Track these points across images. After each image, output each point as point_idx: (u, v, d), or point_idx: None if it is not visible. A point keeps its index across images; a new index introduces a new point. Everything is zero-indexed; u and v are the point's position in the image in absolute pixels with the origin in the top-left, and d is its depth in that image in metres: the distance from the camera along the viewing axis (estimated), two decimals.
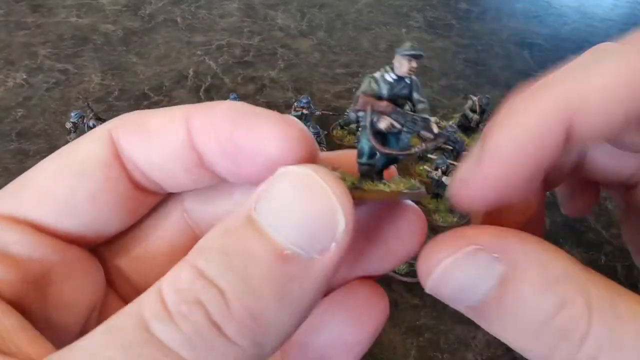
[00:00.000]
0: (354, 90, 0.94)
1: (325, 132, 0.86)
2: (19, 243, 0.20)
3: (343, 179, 0.18)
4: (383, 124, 0.20)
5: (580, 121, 0.20)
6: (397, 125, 0.20)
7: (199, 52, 1.09)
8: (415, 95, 0.20)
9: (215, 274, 0.15)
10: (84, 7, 1.24)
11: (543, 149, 0.20)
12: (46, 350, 0.18)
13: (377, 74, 0.20)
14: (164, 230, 0.24)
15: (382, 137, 0.20)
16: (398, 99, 0.20)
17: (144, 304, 0.15)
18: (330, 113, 0.88)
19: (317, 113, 0.85)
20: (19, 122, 0.88)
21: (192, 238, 0.25)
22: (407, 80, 0.20)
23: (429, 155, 0.80)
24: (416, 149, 0.20)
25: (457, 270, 0.19)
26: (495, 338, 0.20)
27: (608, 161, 0.26)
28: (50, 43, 1.10)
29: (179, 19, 1.21)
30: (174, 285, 0.15)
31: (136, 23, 1.19)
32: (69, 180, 0.21)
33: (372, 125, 0.20)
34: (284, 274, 0.16)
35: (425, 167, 0.80)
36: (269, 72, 1.04)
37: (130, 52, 1.09)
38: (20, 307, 0.19)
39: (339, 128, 0.89)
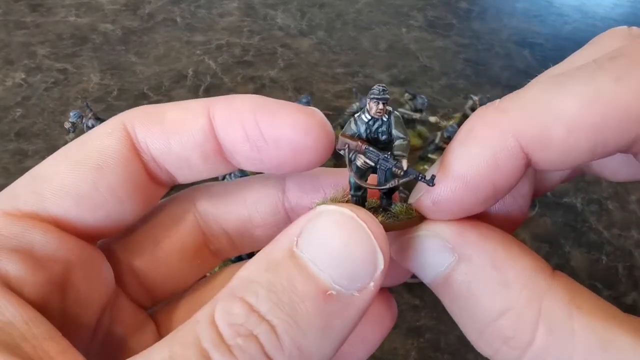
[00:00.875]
0: (353, 89, 0.93)
1: None
2: (43, 243, 0.20)
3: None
4: (359, 161, 0.22)
5: (538, 154, 0.19)
6: (370, 163, 0.21)
7: (198, 52, 1.09)
8: (394, 132, 0.22)
9: (266, 310, 0.17)
10: (83, 6, 1.24)
11: (497, 179, 0.20)
12: None
13: (358, 115, 0.22)
14: (176, 232, 0.25)
15: (367, 171, 0.22)
16: (379, 136, 0.22)
17: (202, 335, 0.16)
18: (330, 113, 0.88)
19: None
20: (18, 121, 0.88)
21: (201, 241, 0.25)
22: (384, 118, 0.22)
23: (430, 155, 0.79)
24: (389, 184, 0.22)
25: (410, 248, 0.21)
26: None
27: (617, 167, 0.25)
28: (49, 42, 1.10)
29: (178, 19, 1.21)
30: (228, 319, 0.17)
31: (135, 22, 1.19)
32: (89, 174, 0.21)
33: (351, 162, 0.22)
34: (328, 312, 0.17)
35: (425, 167, 0.80)
36: (268, 72, 1.04)
37: (129, 51, 1.08)
38: (43, 308, 0.19)
39: (339, 128, 0.88)
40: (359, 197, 0.22)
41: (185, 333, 0.17)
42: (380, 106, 0.21)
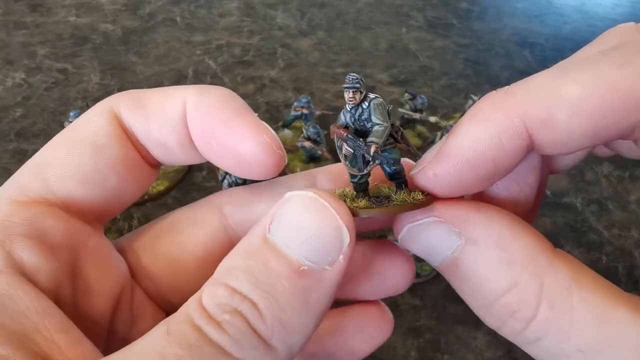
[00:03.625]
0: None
1: (325, 132, 0.85)
2: (55, 229, 0.21)
3: (344, 197, 0.21)
4: (344, 148, 0.23)
5: (542, 136, 0.20)
6: (350, 150, 0.22)
7: (198, 52, 1.09)
8: (372, 119, 0.22)
9: (247, 290, 0.18)
10: (83, 6, 1.24)
11: (498, 157, 0.20)
12: (87, 354, 0.18)
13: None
14: (200, 236, 0.25)
15: (356, 157, 0.23)
16: (365, 124, 0.23)
17: (193, 314, 0.18)
18: (330, 113, 0.88)
19: (317, 113, 0.84)
20: (18, 121, 0.88)
21: (226, 246, 0.26)
22: (364, 106, 0.22)
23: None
24: (366, 170, 0.23)
25: (418, 234, 0.22)
26: (495, 339, 0.21)
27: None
28: (49, 43, 1.10)
29: (178, 19, 1.21)
30: (214, 300, 0.18)
31: (135, 22, 1.19)
32: (89, 154, 0.22)
33: (340, 149, 0.23)
34: (303, 286, 0.19)
35: None
36: (268, 72, 1.04)
37: (129, 51, 1.08)
38: (56, 297, 0.20)
39: None
40: (356, 184, 0.23)
41: (178, 314, 0.18)
42: (350, 94, 0.22)
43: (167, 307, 0.26)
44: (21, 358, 0.17)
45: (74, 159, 0.22)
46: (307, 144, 0.78)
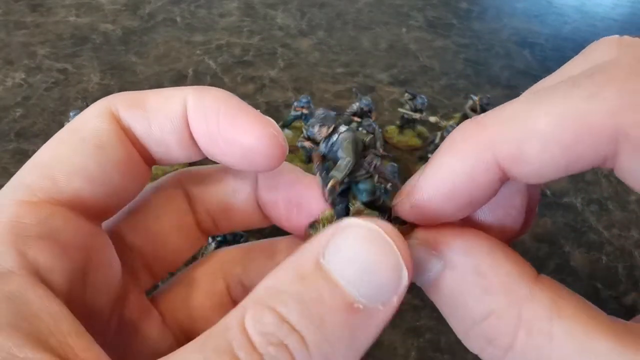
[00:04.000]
0: (353, 89, 0.93)
1: None
2: (65, 229, 0.21)
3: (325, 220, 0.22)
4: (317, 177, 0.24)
5: (514, 169, 0.20)
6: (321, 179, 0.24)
7: (198, 52, 1.09)
8: (339, 153, 0.23)
9: (295, 320, 0.17)
10: (83, 6, 1.24)
11: (473, 189, 0.20)
12: (100, 359, 0.18)
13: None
14: (170, 210, 0.26)
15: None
16: (337, 154, 0.23)
17: (234, 342, 0.17)
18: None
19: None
20: (18, 122, 0.88)
21: (192, 220, 0.27)
22: (334, 138, 0.23)
23: (430, 155, 0.79)
24: (337, 204, 0.24)
25: (412, 250, 0.21)
26: None
27: None
28: (49, 42, 1.09)
29: (178, 19, 1.21)
30: (260, 328, 0.17)
31: (135, 22, 1.19)
32: (92, 152, 0.22)
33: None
34: (354, 324, 0.18)
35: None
36: (268, 72, 1.04)
37: (129, 51, 1.08)
38: (68, 299, 0.19)
39: None
40: (336, 213, 0.24)
41: (216, 339, 0.17)
42: (316, 129, 0.23)
43: (151, 282, 0.27)
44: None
45: (78, 158, 0.22)
46: (307, 144, 0.78)
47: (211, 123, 0.22)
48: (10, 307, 0.17)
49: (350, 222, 0.19)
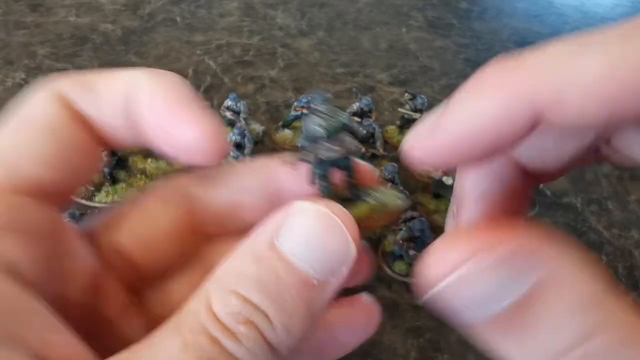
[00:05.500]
0: (353, 89, 0.93)
1: None
2: (31, 218, 0.20)
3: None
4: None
5: (551, 115, 0.18)
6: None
7: (198, 52, 1.09)
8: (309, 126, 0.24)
9: (257, 300, 0.19)
10: (83, 6, 1.24)
11: (502, 131, 0.19)
12: (80, 355, 0.18)
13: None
14: (164, 213, 0.26)
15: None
16: None
17: (207, 324, 0.18)
18: None
19: None
20: None
21: (191, 223, 0.26)
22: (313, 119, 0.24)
23: None
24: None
25: (485, 276, 0.17)
26: None
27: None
28: (49, 42, 1.10)
29: (178, 19, 1.21)
30: (226, 309, 0.19)
31: (135, 22, 1.19)
32: (49, 138, 0.21)
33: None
34: (310, 297, 0.19)
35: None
36: (268, 72, 1.04)
37: (129, 51, 1.08)
38: (41, 292, 0.19)
39: None
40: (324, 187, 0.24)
41: (189, 323, 0.18)
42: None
43: (139, 281, 0.26)
44: (20, 358, 0.16)
45: (35, 143, 0.21)
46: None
47: (154, 114, 0.22)
48: None
49: (302, 206, 0.20)
